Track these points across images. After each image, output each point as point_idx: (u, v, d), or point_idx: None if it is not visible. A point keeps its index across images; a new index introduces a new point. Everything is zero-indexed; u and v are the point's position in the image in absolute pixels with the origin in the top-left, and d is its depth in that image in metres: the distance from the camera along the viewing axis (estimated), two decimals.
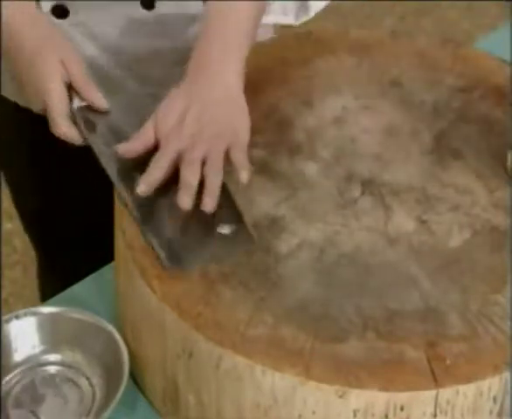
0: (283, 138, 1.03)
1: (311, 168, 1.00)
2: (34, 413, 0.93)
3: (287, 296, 0.87)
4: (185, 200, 0.92)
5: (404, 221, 0.95)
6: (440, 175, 1.00)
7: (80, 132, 0.98)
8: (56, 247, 1.40)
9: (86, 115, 0.99)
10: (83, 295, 1.05)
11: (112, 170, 0.96)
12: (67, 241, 1.36)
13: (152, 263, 0.89)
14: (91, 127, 0.99)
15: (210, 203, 0.92)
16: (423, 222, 0.95)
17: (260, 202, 0.96)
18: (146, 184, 0.93)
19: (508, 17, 2.38)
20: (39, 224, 1.38)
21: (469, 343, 0.83)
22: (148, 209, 0.93)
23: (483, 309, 0.86)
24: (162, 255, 0.89)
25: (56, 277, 1.38)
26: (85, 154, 1.25)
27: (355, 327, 0.84)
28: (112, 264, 1.01)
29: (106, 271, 1.07)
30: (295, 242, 0.92)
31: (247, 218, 0.93)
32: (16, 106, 1.21)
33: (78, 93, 1.00)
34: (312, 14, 1.23)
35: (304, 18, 1.24)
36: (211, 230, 0.92)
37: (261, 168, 0.99)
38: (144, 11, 1.12)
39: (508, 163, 1.00)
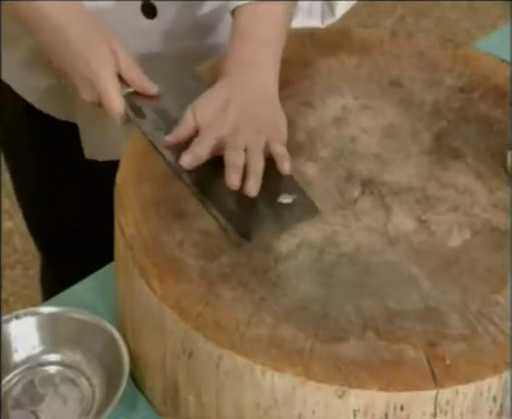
0: None
1: (311, 168, 1.00)
2: (34, 413, 0.93)
3: (287, 296, 0.87)
4: (233, 178, 0.92)
5: (403, 221, 0.95)
6: (440, 175, 1.00)
7: (128, 116, 1.00)
8: (57, 246, 1.40)
9: (134, 101, 1.01)
10: (83, 295, 1.05)
11: (167, 153, 0.98)
12: (68, 240, 1.36)
13: (152, 263, 0.89)
14: (139, 112, 1.01)
15: (253, 188, 0.93)
16: (423, 222, 0.95)
17: None
18: (191, 156, 0.94)
19: (508, 17, 2.38)
20: (41, 223, 1.38)
21: (469, 343, 0.83)
22: (207, 187, 0.95)
23: (483, 309, 0.86)
24: (232, 230, 0.91)
25: (56, 277, 1.39)
26: (85, 157, 1.25)
27: (355, 327, 0.84)
28: (112, 264, 1.01)
29: (106, 271, 1.07)
30: (295, 242, 0.92)
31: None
32: (25, 104, 1.21)
33: (125, 81, 1.01)
34: (337, 16, 1.23)
35: (330, 20, 1.25)
36: (272, 201, 0.94)
37: None
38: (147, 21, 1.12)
39: (508, 163, 1.00)
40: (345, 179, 0.99)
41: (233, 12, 1.04)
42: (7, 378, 0.95)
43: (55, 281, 1.35)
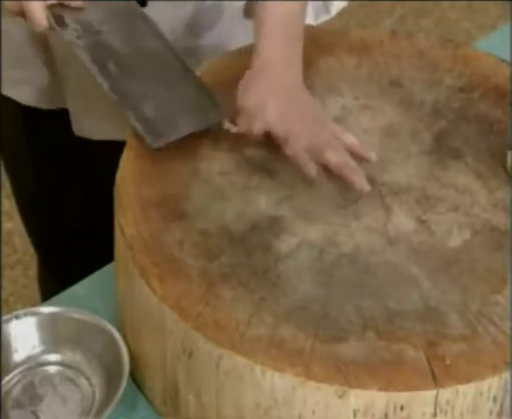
0: None
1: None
2: (34, 413, 0.93)
3: (287, 296, 0.87)
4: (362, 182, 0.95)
5: (403, 221, 0.95)
6: (440, 175, 1.00)
7: (51, 25, 1.02)
8: (56, 247, 1.40)
9: (57, 12, 1.03)
10: (83, 295, 1.05)
11: (86, 59, 1.02)
12: (67, 241, 1.36)
13: (152, 263, 0.89)
14: (62, 22, 1.03)
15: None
16: (423, 222, 0.95)
17: (260, 203, 0.96)
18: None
19: (508, 17, 2.38)
20: (40, 224, 1.38)
21: (469, 343, 0.83)
22: (123, 93, 1.00)
23: (483, 309, 0.86)
24: (145, 134, 0.98)
25: (56, 277, 1.39)
26: (85, 156, 1.25)
27: (355, 327, 0.84)
28: (112, 264, 1.01)
29: (106, 271, 1.07)
30: (295, 242, 0.92)
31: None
32: (23, 107, 1.22)
33: None
34: (333, 13, 1.23)
35: (324, 18, 1.25)
36: (183, 107, 1.01)
37: (261, 168, 0.99)
38: None
39: (508, 163, 1.00)
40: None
41: (247, 11, 1.05)
42: (7, 378, 0.95)
43: (54, 281, 1.35)
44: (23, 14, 1.00)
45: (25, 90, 1.21)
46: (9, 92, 1.22)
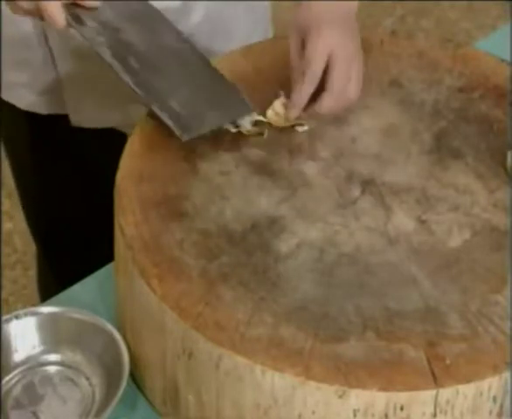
0: (283, 137, 1.03)
1: (311, 168, 1.00)
2: (34, 413, 0.93)
3: (287, 296, 0.87)
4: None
5: (404, 221, 0.95)
6: (440, 175, 1.00)
7: (69, 24, 1.02)
8: (56, 247, 1.40)
9: (74, 11, 1.03)
10: (83, 295, 1.05)
11: (107, 55, 1.01)
12: (67, 241, 1.36)
13: (152, 263, 0.89)
14: (79, 21, 1.03)
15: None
16: (423, 222, 0.95)
17: (260, 202, 0.96)
18: (297, 107, 1.02)
19: (508, 17, 2.38)
20: (41, 224, 1.39)
21: (469, 343, 0.83)
22: (148, 88, 1.00)
23: (483, 309, 0.86)
24: (175, 127, 0.98)
25: (56, 277, 1.39)
26: (85, 156, 1.26)
27: (355, 327, 0.84)
28: (112, 264, 1.01)
29: (106, 271, 1.07)
30: (295, 242, 0.92)
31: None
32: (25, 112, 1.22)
33: None
34: None
35: None
36: (209, 100, 1.02)
37: (261, 168, 0.99)
38: None
39: (508, 163, 1.00)
40: (345, 179, 0.99)
41: None
42: (7, 378, 0.95)
43: (54, 281, 1.35)
44: (37, 13, 0.99)
45: (24, 94, 1.21)
46: (8, 97, 1.22)
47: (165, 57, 1.05)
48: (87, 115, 1.22)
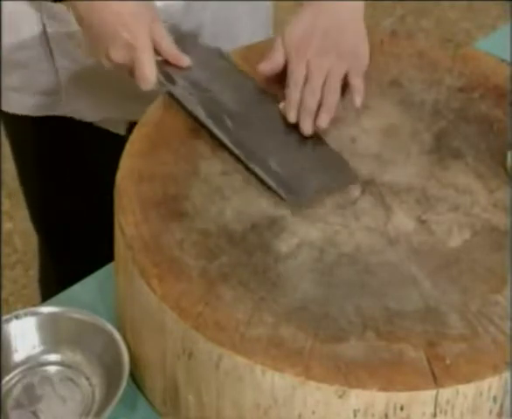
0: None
1: None
2: (34, 413, 0.93)
3: (287, 296, 0.87)
4: (307, 124, 0.99)
5: (404, 221, 0.95)
6: (440, 175, 1.00)
7: (159, 82, 1.03)
8: (56, 247, 1.40)
9: (165, 69, 1.04)
10: (83, 295, 1.05)
11: (201, 114, 1.02)
12: (68, 240, 1.36)
13: (152, 263, 0.89)
14: (170, 79, 1.04)
15: (325, 119, 0.99)
16: (423, 222, 0.95)
17: (260, 202, 0.96)
18: (294, 108, 1.00)
19: (508, 17, 2.38)
20: (44, 222, 1.39)
21: (469, 343, 0.83)
22: (246, 148, 0.99)
23: (483, 309, 0.86)
24: (280, 190, 0.96)
25: (56, 276, 1.39)
26: (85, 156, 1.26)
27: (355, 327, 0.84)
28: (112, 264, 1.01)
29: (106, 271, 1.07)
30: (295, 242, 0.92)
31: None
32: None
33: (157, 49, 1.02)
34: None
35: None
36: (311, 162, 1.00)
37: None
38: None
39: (508, 163, 1.00)
40: None
41: None
42: (7, 378, 0.95)
43: (54, 281, 1.35)
44: (127, 68, 1.00)
45: (23, 97, 1.21)
46: (7, 100, 1.22)
47: (258, 117, 1.04)
48: (85, 113, 1.22)
